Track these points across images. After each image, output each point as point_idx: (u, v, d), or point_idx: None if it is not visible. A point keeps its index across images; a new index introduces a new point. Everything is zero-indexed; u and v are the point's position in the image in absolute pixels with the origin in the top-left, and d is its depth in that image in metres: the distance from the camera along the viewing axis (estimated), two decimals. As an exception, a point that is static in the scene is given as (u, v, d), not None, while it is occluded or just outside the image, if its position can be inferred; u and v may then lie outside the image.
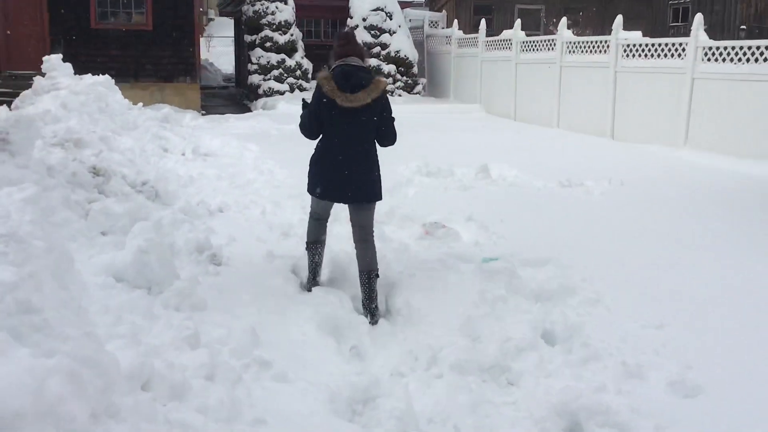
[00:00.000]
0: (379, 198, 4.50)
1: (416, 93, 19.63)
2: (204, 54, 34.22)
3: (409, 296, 4.61)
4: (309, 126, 4.42)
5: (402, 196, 7.83)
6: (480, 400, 3.49)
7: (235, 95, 22.55)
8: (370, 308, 4.39)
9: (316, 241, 4.73)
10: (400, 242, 5.92)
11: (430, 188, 8.23)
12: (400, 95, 19.14)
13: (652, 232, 6.48)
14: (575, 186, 8.45)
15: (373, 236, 4.53)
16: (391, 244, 5.83)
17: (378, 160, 4.50)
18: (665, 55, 11.71)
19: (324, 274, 4.92)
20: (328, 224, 4.83)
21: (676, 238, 6.31)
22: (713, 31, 17.84)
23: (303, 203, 7.15)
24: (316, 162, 4.49)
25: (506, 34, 16.68)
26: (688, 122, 11.14)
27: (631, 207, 7.45)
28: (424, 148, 11.21)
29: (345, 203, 4.54)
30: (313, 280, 4.77)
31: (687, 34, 11.41)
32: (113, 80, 12.02)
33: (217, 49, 32.12)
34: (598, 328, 4.19)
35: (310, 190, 4.57)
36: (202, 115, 16.98)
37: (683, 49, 11.27)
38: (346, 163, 4.31)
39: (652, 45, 12.01)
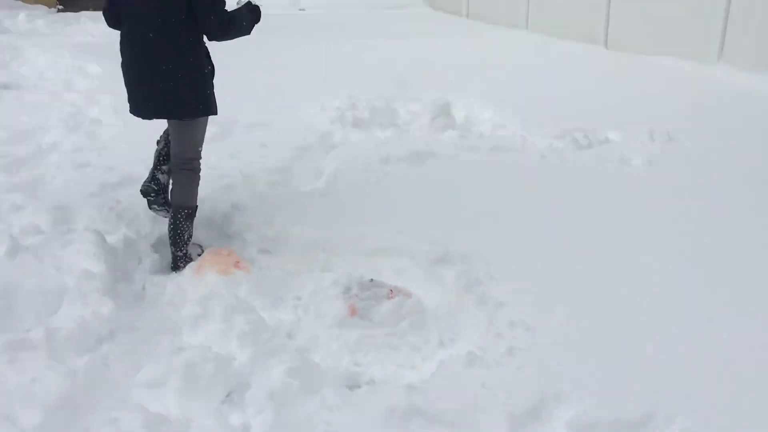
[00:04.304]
0: (198, 114, 3.19)
1: (342, -19, 15.57)
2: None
3: None
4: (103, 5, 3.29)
5: (305, 181, 4.35)
6: None
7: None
8: (175, 254, 3.26)
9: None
10: (293, 321, 2.58)
11: (358, 157, 4.74)
12: (321, -16, 15.08)
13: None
14: (598, 144, 5.11)
15: (194, 165, 3.26)
16: (274, 339, 2.48)
17: (196, 58, 3.09)
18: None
19: None
20: None
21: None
22: None
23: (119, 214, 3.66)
24: None
25: None
26: (725, 26, 7.79)
27: (713, 195, 4.18)
28: (348, 69, 7.64)
29: (148, 119, 3.29)
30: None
31: None
32: None
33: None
34: None
35: None
36: (58, 11, 12.71)
37: None
38: (141, 61, 3.11)
39: None
